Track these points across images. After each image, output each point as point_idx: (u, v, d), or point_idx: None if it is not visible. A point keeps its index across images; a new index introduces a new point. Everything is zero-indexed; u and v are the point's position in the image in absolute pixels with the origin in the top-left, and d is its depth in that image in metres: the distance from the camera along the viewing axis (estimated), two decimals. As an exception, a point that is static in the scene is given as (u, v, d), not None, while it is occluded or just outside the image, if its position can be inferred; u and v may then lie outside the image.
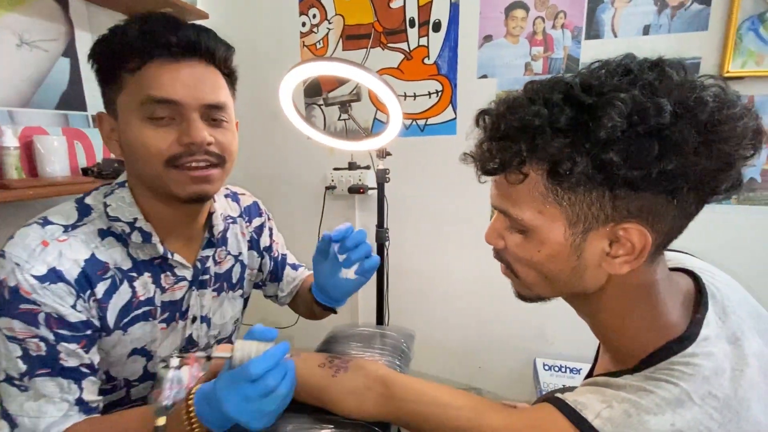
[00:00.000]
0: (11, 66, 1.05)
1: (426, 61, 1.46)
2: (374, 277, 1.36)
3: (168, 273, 0.63)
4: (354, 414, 0.55)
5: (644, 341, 0.42)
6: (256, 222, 0.81)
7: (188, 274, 0.65)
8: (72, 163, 1.18)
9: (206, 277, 0.68)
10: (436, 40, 1.44)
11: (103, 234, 0.58)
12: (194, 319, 0.68)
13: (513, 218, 0.41)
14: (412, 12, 1.44)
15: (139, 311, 0.60)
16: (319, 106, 1.61)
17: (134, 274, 0.60)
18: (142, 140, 0.53)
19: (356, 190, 1.54)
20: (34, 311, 0.51)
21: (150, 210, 0.60)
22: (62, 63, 1.18)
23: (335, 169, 1.59)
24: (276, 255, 0.84)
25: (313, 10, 1.54)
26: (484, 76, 1.41)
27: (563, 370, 1.43)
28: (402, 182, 1.47)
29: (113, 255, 0.58)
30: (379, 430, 0.55)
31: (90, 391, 0.55)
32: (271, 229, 0.84)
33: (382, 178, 1.25)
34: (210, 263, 0.69)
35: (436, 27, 1.43)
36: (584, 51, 1.31)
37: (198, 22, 1.54)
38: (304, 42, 1.58)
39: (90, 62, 0.56)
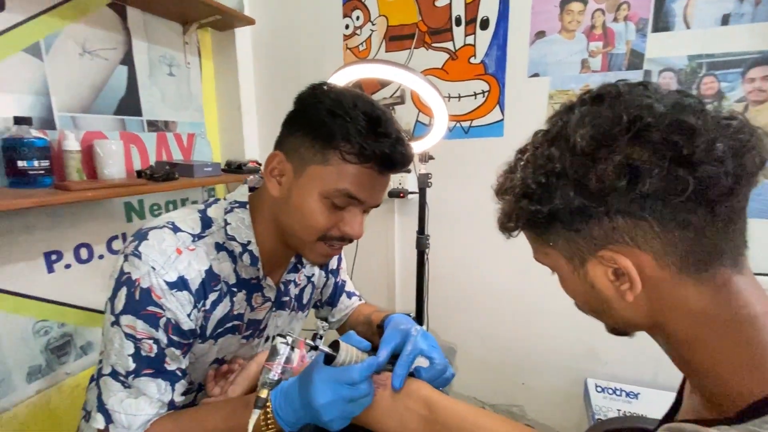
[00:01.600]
0: (75, 74, 1.12)
1: (472, 60, 1.40)
2: (414, 285, 1.32)
3: (259, 293, 0.66)
4: (394, 436, 0.52)
5: (743, 386, 0.35)
6: None
7: (272, 295, 0.68)
8: (127, 166, 1.24)
9: (286, 299, 0.72)
10: (484, 37, 1.37)
11: (219, 248, 0.61)
12: (267, 338, 0.72)
13: (539, 261, 0.45)
14: (458, 10, 1.39)
15: (230, 324, 0.64)
16: (361, 108, 1.59)
17: (235, 290, 0.63)
18: (312, 212, 0.56)
19: (396, 194, 1.50)
20: (158, 315, 0.54)
21: (263, 236, 0.63)
22: (120, 71, 1.25)
23: (376, 172, 1.57)
24: (338, 280, 0.86)
25: (357, 12, 1.53)
26: (536, 75, 1.33)
27: (618, 393, 1.31)
28: (444, 187, 1.42)
29: (224, 269, 0.61)
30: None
31: (179, 393, 0.59)
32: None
33: (423, 182, 1.21)
34: (291, 286, 0.73)
35: (484, 24, 1.36)
36: (650, 45, 1.18)
37: (244, 28, 1.59)
38: (347, 44, 1.57)
39: (306, 118, 0.57)
